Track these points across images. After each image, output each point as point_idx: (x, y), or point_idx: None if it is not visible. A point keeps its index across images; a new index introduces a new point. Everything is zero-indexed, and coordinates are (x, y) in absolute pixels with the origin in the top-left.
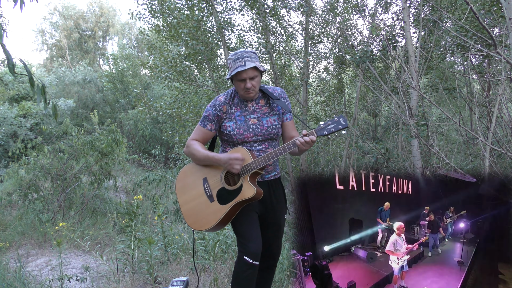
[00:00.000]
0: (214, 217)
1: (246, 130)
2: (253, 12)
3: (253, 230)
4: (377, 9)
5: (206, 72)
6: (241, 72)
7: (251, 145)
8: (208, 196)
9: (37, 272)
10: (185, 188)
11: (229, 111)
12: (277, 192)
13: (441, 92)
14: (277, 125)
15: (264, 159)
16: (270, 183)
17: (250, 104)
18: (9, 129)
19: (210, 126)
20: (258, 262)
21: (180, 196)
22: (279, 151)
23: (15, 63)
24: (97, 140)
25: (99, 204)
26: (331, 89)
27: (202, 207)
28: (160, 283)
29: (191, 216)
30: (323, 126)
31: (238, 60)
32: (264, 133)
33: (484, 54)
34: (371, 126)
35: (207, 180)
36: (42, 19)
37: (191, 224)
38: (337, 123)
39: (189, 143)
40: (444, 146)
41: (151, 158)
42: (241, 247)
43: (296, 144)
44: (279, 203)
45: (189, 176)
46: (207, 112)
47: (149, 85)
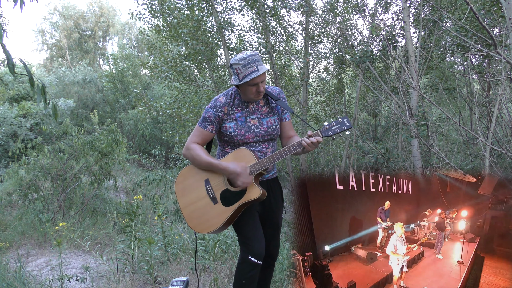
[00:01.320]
0: (219, 219)
1: (247, 131)
2: (253, 12)
3: (256, 230)
4: (377, 9)
5: (206, 72)
6: (256, 78)
7: (252, 145)
8: (211, 198)
9: (37, 272)
10: (186, 190)
11: (230, 112)
12: (276, 192)
13: (441, 92)
14: (276, 125)
15: (269, 160)
16: (269, 182)
17: (251, 105)
18: (9, 129)
19: (210, 128)
20: (261, 261)
21: (180, 198)
22: (284, 152)
23: (15, 63)
24: (97, 140)
25: (99, 204)
26: (331, 89)
27: (205, 210)
28: (160, 283)
29: (194, 218)
30: (327, 127)
31: (250, 65)
32: (265, 134)
33: (484, 54)
34: (371, 126)
35: (210, 181)
36: (42, 19)
37: (194, 227)
38: (341, 123)
39: (190, 147)
40: (444, 146)
41: (151, 158)
42: (245, 247)
43: (301, 145)
44: (278, 202)
45: (190, 178)
46: (207, 113)
47: (149, 85)
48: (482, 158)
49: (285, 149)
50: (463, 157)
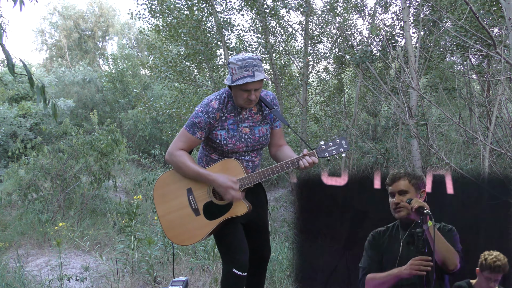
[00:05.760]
0: (200, 232)
1: (238, 140)
2: (253, 12)
3: (241, 241)
4: (376, 9)
5: (206, 72)
6: (249, 84)
7: (241, 154)
8: (193, 210)
9: (36, 272)
10: (166, 197)
11: (222, 119)
12: (260, 196)
13: (441, 92)
14: (268, 134)
15: (259, 176)
16: (253, 188)
17: (244, 112)
18: (8, 129)
19: (199, 134)
20: (246, 273)
21: (159, 206)
22: (276, 169)
23: (14, 63)
24: (97, 140)
25: (98, 204)
26: (330, 89)
27: (186, 221)
28: (160, 283)
29: (173, 229)
30: (324, 147)
31: (246, 69)
32: (255, 144)
33: (484, 54)
34: (371, 126)
35: (192, 191)
36: (42, 19)
37: (172, 237)
38: (339, 145)
39: (175, 153)
40: (444, 146)
41: (150, 158)
42: (228, 259)
43: (295, 165)
44: (262, 206)
45: (171, 185)
46: (197, 119)
47: (148, 85)
48: (482, 158)
49: (277, 166)
50: (463, 157)
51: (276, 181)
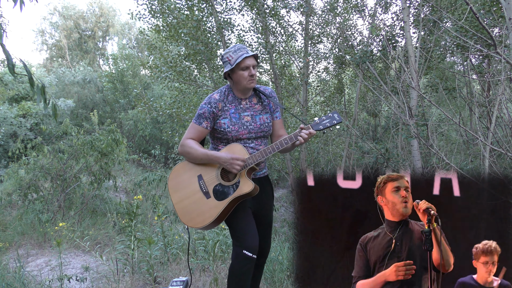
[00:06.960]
0: (211, 213)
1: (241, 127)
2: (253, 12)
3: (250, 225)
4: (377, 9)
5: (206, 72)
6: (246, 59)
7: (245, 142)
8: (204, 193)
9: (37, 272)
10: (179, 185)
11: (224, 109)
12: (267, 190)
13: (441, 92)
14: (269, 122)
15: (262, 154)
16: (261, 180)
17: (244, 102)
18: (9, 129)
19: (205, 124)
20: (256, 255)
21: (173, 194)
22: (276, 146)
23: (15, 63)
24: (97, 140)
25: (99, 204)
26: (331, 89)
27: (198, 204)
28: (160, 283)
29: (187, 213)
30: (318, 121)
31: (240, 50)
32: (258, 131)
33: (484, 54)
34: (371, 126)
35: (202, 177)
36: (42, 19)
37: (187, 222)
38: (331, 118)
39: (185, 142)
40: (444, 146)
41: (151, 158)
42: (238, 241)
43: (293, 139)
44: (269, 200)
45: (183, 174)
46: (202, 110)
47: (149, 85)
48: (482, 158)
49: (277, 143)
50: (463, 157)
51: (276, 181)
